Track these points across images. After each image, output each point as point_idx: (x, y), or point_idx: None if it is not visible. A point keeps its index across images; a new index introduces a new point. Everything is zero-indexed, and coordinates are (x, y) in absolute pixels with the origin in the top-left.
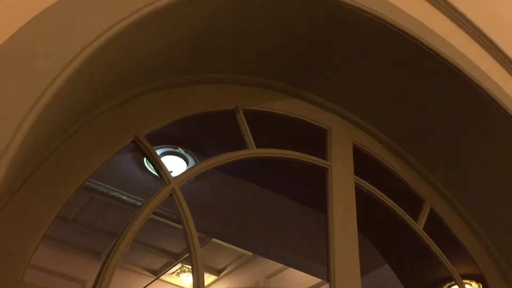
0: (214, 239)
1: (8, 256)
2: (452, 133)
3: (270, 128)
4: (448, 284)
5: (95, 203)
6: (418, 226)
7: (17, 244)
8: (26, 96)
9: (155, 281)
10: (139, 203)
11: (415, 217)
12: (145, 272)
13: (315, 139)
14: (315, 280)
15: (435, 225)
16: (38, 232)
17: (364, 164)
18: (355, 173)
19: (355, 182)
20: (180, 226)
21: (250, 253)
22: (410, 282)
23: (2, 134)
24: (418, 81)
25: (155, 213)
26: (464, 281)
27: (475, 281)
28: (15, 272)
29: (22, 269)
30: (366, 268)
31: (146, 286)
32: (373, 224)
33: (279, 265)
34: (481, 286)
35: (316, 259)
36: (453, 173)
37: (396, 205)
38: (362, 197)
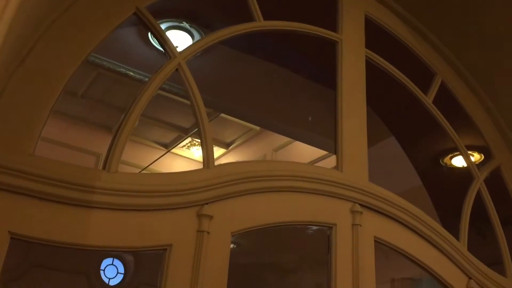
0: (222, 114)
1: (18, 130)
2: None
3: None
4: (450, 155)
5: (103, 79)
6: (428, 99)
7: (26, 117)
8: None
9: (167, 154)
10: (146, 79)
11: (425, 92)
12: (156, 146)
13: (325, 12)
14: (321, 152)
15: (444, 100)
16: (45, 104)
17: (375, 37)
18: (366, 47)
19: (366, 56)
20: (189, 102)
21: (257, 128)
22: (414, 153)
23: None
24: None
25: (163, 89)
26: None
27: (477, 151)
28: (27, 145)
29: (33, 143)
30: (372, 140)
31: (158, 158)
32: (381, 97)
33: (286, 139)
34: (483, 156)
35: (323, 133)
36: (465, 45)
37: (407, 79)
38: (371, 71)
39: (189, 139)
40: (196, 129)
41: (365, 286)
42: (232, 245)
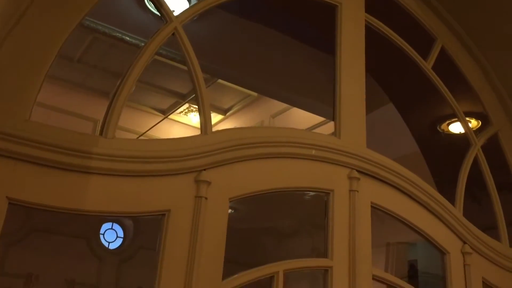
0: (219, 80)
1: (12, 96)
2: None
3: None
4: (448, 121)
5: (99, 44)
6: (427, 65)
7: (20, 83)
8: None
9: (164, 120)
10: (143, 44)
11: (424, 58)
12: (154, 112)
13: None
14: (319, 119)
15: (443, 66)
16: (40, 69)
17: (375, 2)
18: (366, 11)
19: (366, 20)
20: (186, 67)
21: (255, 94)
22: (412, 120)
23: None
24: None
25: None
26: None
27: (475, 118)
28: (22, 111)
29: (28, 108)
30: (371, 106)
31: (155, 124)
32: (381, 64)
33: (284, 105)
34: (480, 123)
35: (321, 99)
36: (466, 9)
37: (406, 44)
38: (371, 36)
39: (186, 105)
40: (194, 95)
41: (361, 250)
42: (230, 211)
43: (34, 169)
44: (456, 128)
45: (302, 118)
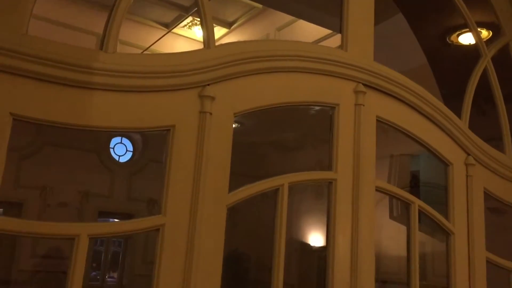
0: None
1: (6, 7)
2: None
3: None
4: (458, 32)
5: None
6: None
7: None
8: None
9: (168, 35)
10: None
11: None
12: (156, 25)
13: None
14: (326, 31)
15: None
16: None
17: None
18: None
19: None
20: None
21: (260, 6)
22: (421, 31)
23: None
24: None
25: None
26: None
27: (485, 28)
28: (18, 24)
29: (25, 21)
30: (379, 17)
31: (159, 39)
32: None
33: (289, 17)
34: (491, 33)
35: (328, 11)
36: None
37: None
38: None
39: (190, 19)
40: (196, 8)
41: (365, 163)
42: (236, 125)
43: (35, 84)
44: (466, 39)
45: (308, 31)
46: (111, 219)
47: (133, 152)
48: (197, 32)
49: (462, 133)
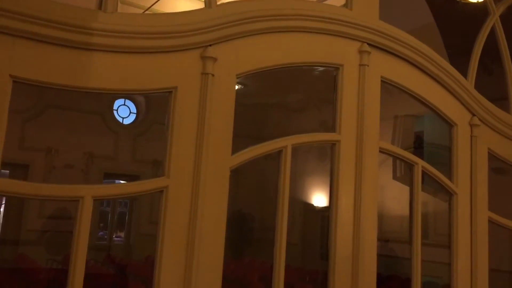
0: None
1: None
2: None
3: None
4: None
5: None
6: None
7: None
8: None
9: None
10: None
11: None
12: None
13: None
14: None
15: None
16: None
17: None
18: None
19: None
20: None
21: None
22: None
23: None
24: None
25: None
26: None
27: None
28: None
29: None
30: None
31: None
32: None
33: None
34: None
35: None
36: None
37: None
38: None
39: None
40: None
41: (369, 124)
42: (239, 86)
43: (34, 46)
44: None
45: None
46: (117, 181)
47: (137, 114)
48: None
49: (467, 93)
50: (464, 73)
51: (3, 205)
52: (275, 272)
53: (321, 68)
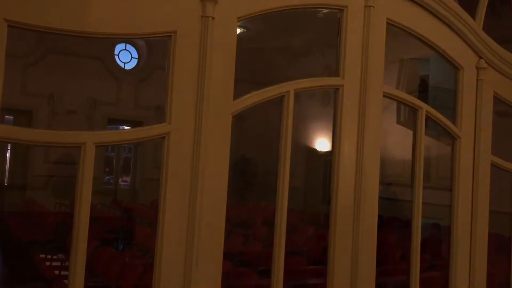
0: None
1: None
2: None
3: None
4: None
5: None
6: None
7: None
8: None
9: None
10: None
11: None
12: None
13: None
14: None
15: None
16: None
17: None
18: None
19: None
20: None
21: None
22: None
23: None
24: None
25: None
26: None
27: None
28: None
29: None
30: None
31: None
32: None
33: None
34: None
35: None
36: None
37: None
38: None
39: None
40: None
41: (373, 68)
42: (241, 30)
43: None
44: None
45: None
46: (120, 126)
47: (138, 59)
48: None
49: (475, 35)
50: (472, 14)
51: (8, 150)
52: (277, 216)
53: (325, 10)
